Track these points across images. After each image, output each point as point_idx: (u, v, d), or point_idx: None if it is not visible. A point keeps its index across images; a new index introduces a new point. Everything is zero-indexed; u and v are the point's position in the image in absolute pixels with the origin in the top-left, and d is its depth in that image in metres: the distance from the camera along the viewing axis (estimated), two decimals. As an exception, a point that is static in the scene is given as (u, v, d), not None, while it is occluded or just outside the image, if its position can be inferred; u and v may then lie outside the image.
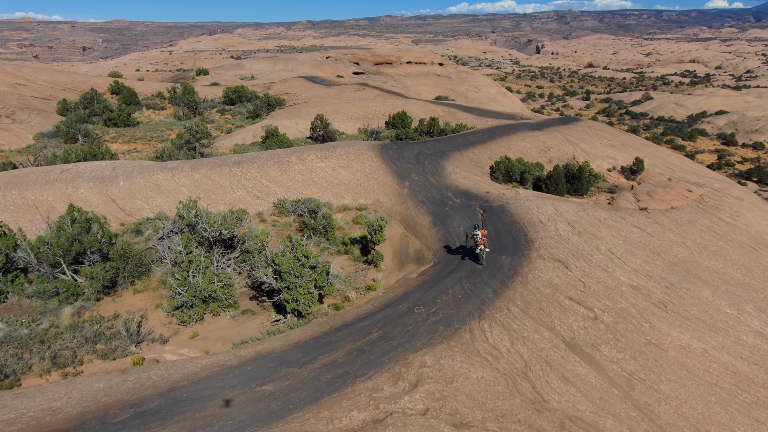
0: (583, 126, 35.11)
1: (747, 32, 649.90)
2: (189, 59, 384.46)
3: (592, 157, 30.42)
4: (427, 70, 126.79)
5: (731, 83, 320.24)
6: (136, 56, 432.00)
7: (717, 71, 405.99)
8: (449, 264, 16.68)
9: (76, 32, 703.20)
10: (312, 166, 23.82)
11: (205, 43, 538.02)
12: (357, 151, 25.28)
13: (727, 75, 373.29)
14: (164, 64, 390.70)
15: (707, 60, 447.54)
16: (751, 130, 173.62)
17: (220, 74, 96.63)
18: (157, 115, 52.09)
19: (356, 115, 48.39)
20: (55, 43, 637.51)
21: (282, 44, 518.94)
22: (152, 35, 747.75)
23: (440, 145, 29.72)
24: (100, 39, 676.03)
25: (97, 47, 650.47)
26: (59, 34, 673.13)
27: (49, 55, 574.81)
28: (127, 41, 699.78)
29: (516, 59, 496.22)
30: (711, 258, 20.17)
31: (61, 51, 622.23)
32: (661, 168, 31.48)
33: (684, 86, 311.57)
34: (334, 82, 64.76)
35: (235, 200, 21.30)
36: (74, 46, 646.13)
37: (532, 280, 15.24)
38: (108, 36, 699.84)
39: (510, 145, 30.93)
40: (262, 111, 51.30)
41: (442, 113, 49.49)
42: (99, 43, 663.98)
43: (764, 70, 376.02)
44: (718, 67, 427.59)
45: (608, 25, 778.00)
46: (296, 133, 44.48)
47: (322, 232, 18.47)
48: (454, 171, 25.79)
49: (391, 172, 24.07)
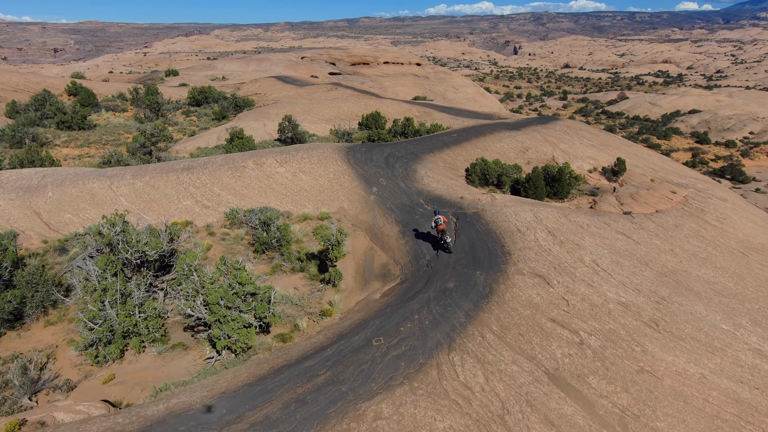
0: (562, 125, 33.69)
1: (716, 33, 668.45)
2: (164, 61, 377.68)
3: (572, 158, 28.94)
4: (405, 71, 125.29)
5: (703, 83, 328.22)
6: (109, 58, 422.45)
7: (689, 71, 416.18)
8: (417, 281, 14.77)
9: (47, 33, 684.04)
10: (270, 172, 21.66)
11: (181, 44, 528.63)
12: (321, 155, 23.22)
13: (698, 75, 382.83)
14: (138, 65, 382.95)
15: (679, 60, 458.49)
16: (723, 128, 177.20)
17: (190, 75, 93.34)
18: (116, 117, 49.09)
19: (328, 116, 46.27)
20: (24, 44, 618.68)
21: (260, 45, 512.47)
22: (126, 37, 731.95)
23: (413, 146, 27.85)
24: (72, 40, 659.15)
25: (69, 49, 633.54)
26: (29, 36, 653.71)
27: (19, 57, 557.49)
28: (101, 43, 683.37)
29: (494, 60, 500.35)
30: (701, 266, 18.71)
31: (31, 53, 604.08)
32: (643, 168, 30.21)
33: (658, 86, 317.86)
34: (307, 82, 62.52)
35: (181, 211, 19.03)
36: (45, 47, 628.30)
37: (510, 300, 13.42)
38: (80, 37, 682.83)
39: (486, 146, 29.25)
40: (229, 112, 48.77)
41: (417, 113, 47.72)
42: (71, 45, 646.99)
43: (733, 70, 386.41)
44: (690, 67, 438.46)
45: (583, 26, 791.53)
46: (264, 135, 42.17)
47: (276, 247, 16.37)
48: (427, 175, 23.93)
49: (358, 177, 22.07)
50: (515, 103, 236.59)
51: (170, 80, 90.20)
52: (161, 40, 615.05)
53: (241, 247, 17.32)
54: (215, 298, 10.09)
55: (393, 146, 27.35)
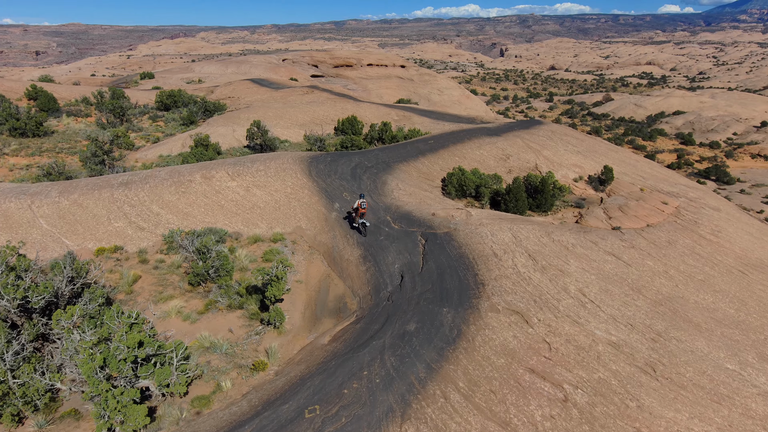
0: (546, 130, 31.78)
1: (698, 36, 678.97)
2: (148, 63, 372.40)
3: (557, 166, 26.98)
4: (389, 73, 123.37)
5: (686, 84, 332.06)
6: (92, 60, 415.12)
7: (672, 73, 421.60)
8: (374, 320, 12.54)
9: (29, 36, 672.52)
10: (220, 186, 19.30)
11: (166, 47, 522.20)
12: (279, 166, 20.90)
13: (681, 76, 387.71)
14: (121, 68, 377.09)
15: (662, 62, 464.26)
16: (707, 129, 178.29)
17: (166, 78, 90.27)
18: (78, 123, 46.21)
19: (302, 121, 43.94)
20: (5, 47, 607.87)
21: (246, 48, 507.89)
22: (111, 39, 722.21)
23: (384, 155, 25.66)
24: (54, 43, 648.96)
25: (51, 52, 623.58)
26: (10, 38, 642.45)
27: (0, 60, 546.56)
28: (84, 45, 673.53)
29: (481, 62, 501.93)
30: (699, 290, 16.77)
31: (12, 56, 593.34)
32: (631, 176, 28.37)
33: (642, 87, 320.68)
34: (284, 84, 60.10)
35: (111, 234, 16.58)
36: (26, 50, 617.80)
37: (481, 346, 11.27)
38: (63, 40, 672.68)
39: (465, 153, 27.16)
40: (198, 117, 46.16)
41: (396, 117, 45.60)
42: (53, 48, 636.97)
43: (715, 71, 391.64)
44: (673, 68, 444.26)
45: (568, 29, 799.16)
46: (232, 141, 39.69)
47: (214, 278, 14.04)
48: (398, 187, 21.75)
49: (319, 192, 19.80)
50: (501, 105, 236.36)
51: (145, 83, 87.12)
52: (146, 43, 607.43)
53: (175, 277, 14.95)
54: (89, 369, 7.79)
55: (362, 155, 25.13)
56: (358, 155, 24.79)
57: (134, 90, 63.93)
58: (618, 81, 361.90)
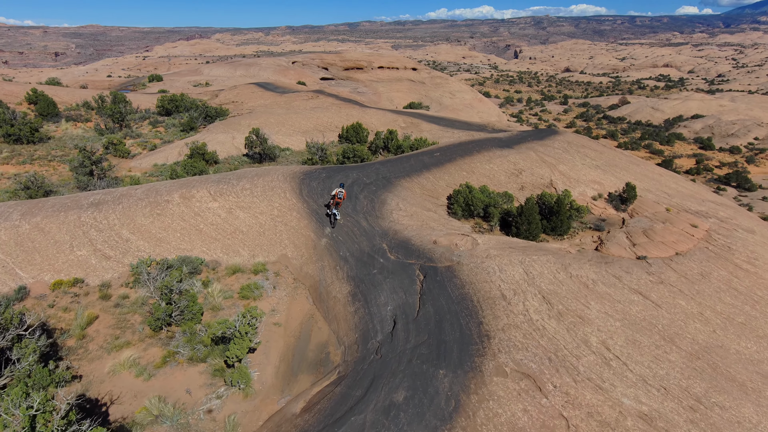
0: (562, 142, 29.54)
1: (717, 37, 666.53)
2: (163, 65, 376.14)
3: (573, 182, 24.77)
4: (400, 75, 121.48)
5: (704, 87, 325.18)
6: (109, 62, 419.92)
7: (690, 75, 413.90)
8: (357, 383, 10.56)
9: (49, 37, 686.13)
10: (200, 208, 17.50)
11: (181, 48, 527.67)
12: (267, 184, 19.05)
13: (699, 79, 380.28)
14: (137, 69, 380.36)
15: (680, 64, 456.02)
16: (727, 134, 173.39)
17: (173, 80, 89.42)
18: (76, 128, 45.05)
19: (305, 127, 42.20)
20: (26, 48, 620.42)
21: (260, 50, 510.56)
22: (128, 40, 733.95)
23: (386, 169, 23.70)
24: (73, 44, 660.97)
25: (70, 53, 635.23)
26: (30, 40, 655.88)
27: (20, 61, 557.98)
28: (102, 47, 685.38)
29: (494, 64, 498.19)
30: (740, 336, 14.51)
31: (32, 56, 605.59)
32: (655, 193, 26.02)
33: (659, 90, 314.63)
34: (289, 88, 58.49)
35: (72, 264, 14.85)
36: (46, 51, 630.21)
37: (484, 425, 9.25)
38: (82, 41, 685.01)
39: (473, 167, 25.09)
40: (198, 123, 44.69)
41: (403, 124, 43.64)
42: (72, 49, 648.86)
43: (735, 74, 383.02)
44: (691, 71, 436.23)
45: (584, 30, 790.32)
46: (231, 149, 38.09)
47: (178, 322, 12.20)
48: (398, 207, 19.78)
49: (309, 214, 17.91)
50: (515, 107, 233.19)
51: (152, 86, 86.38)
52: (162, 44, 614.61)
53: (138, 317, 13.14)
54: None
55: (361, 169, 23.20)
56: (357, 170, 22.86)
57: (138, 93, 62.88)
58: (634, 83, 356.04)
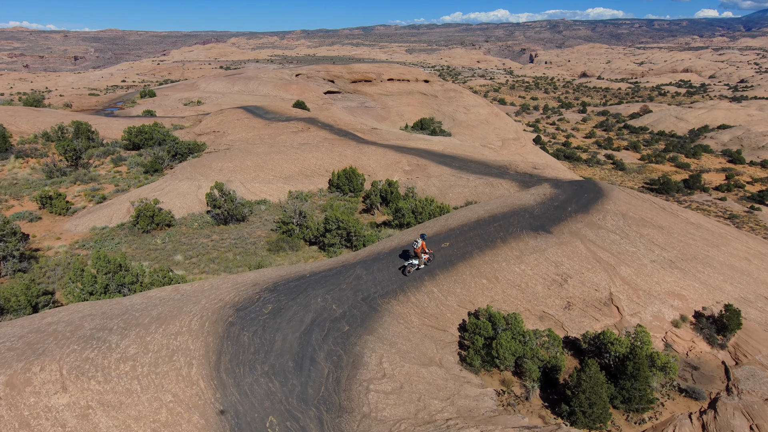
0: (615, 216, 21.76)
1: (738, 41, 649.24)
2: (177, 69, 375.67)
3: (644, 298, 17.06)
4: (411, 88, 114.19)
5: (728, 93, 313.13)
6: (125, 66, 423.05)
7: (711, 80, 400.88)
8: None
9: (69, 42, 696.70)
10: (34, 409, 10.25)
11: (197, 52, 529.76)
12: (166, 346, 11.74)
13: (721, 85, 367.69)
14: (151, 74, 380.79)
15: (700, 69, 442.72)
16: (757, 146, 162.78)
17: (166, 96, 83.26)
18: (25, 167, 38.48)
19: (289, 171, 35.00)
20: (46, 52, 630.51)
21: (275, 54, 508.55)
22: (145, 44, 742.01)
23: (370, 277, 16.31)
24: (92, 48, 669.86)
25: (89, 57, 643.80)
26: (51, 44, 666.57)
27: (40, 65, 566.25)
28: (120, 51, 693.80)
29: (510, 69, 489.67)
30: None
31: (52, 60, 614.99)
32: (756, 305, 18.16)
33: (680, 97, 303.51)
34: (281, 113, 51.41)
35: None
36: (65, 55, 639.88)
37: None
38: (100, 45, 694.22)
39: (498, 270, 17.55)
40: (165, 163, 37.78)
41: (407, 167, 36.20)
42: (91, 53, 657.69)
43: (758, 79, 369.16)
44: (712, 76, 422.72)
45: (600, 34, 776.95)
46: (194, 203, 31.04)
47: None
48: (382, 370, 12.38)
49: (219, 424, 10.51)
50: (532, 116, 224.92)
51: (143, 103, 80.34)
52: (179, 48, 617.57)
53: None
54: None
55: (334, 284, 15.79)
56: (324, 289, 15.43)
57: (114, 119, 56.27)
58: (654, 89, 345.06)
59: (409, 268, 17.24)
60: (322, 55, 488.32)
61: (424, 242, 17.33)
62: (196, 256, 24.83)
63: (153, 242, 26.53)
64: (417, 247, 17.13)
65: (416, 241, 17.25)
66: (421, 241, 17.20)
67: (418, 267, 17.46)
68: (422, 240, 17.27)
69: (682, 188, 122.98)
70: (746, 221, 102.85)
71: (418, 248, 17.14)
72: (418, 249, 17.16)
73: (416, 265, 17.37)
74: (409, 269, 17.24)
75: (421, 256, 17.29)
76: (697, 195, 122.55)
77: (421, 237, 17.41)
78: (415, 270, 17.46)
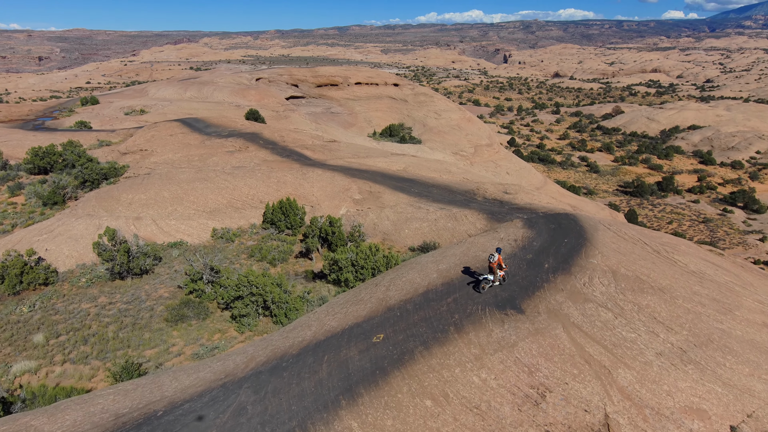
0: (605, 275, 16.86)
1: (703, 42, 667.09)
2: (145, 70, 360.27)
3: (652, 421, 12.08)
4: (380, 92, 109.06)
5: (695, 93, 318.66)
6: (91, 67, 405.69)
7: (679, 80, 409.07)
8: None
9: (33, 41, 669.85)
10: None
11: (168, 52, 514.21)
12: None
13: (689, 84, 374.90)
14: (118, 75, 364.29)
15: (668, 69, 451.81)
16: (727, 147, 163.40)
17: (109, 104, 75.91)
18: None
19: (215, 204, 29.22)
20: (8, 52, 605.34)
21: (248, 54, 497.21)
22: (114, 44, 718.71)
23: (252, 420, 10.87)
24: (58, 48, 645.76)
25: (54, 57, 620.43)
26: (14, 44, 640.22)
27: (2, 65, 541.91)
28: (87, 51, 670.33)
29: (484, 69, 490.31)
30: None
31: (15, 61, 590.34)
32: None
33: (651, 97, 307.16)
34: (224, 127, 45.40)
35: None
36: (29, 55, 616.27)
37: None
38: (67, 45, 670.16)
39: (449, 384, 12.32)
40: (69, 193, 31.51)
41: (358, 195, 30.84)
42: (57, 53, 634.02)
43: (723, 79, 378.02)
44: (680, 76, 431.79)
45: (572, 34, 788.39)
46: (89, 250, 24.96)
47: None
48: None
49: None
50: (506, 117, 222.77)
51: (83, 111, 72.96)
52: (149, 48, 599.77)
53: None
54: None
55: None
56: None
57: (26, 136, 49.08)
58: (625, 89, 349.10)
59: (483, 284, 15.74)
60: (297, 56, 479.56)
61: (500, 256, 15.73)
62: (66, 333, 18.93)
63: (18, 310, 20.50)
64: (493, 261, 15.51)
65: (492, 254, 15.63)
66: (497, 255, 15.58)
67: (492, 284, 15.88)
68: (498, 254, 15.65)
69: (656, 191, 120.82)
70: (720, 225, 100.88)
71: (494, 262, 15.51)
72: (494, 263, 15.51)
73: (491, 281, 15.79)
74: (483, 286, 15.74)
75: (497, 271, 15.61)
76: (671, 198, 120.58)
77: (497, 251, 15.88)
78: (489, 287, 15.84)
